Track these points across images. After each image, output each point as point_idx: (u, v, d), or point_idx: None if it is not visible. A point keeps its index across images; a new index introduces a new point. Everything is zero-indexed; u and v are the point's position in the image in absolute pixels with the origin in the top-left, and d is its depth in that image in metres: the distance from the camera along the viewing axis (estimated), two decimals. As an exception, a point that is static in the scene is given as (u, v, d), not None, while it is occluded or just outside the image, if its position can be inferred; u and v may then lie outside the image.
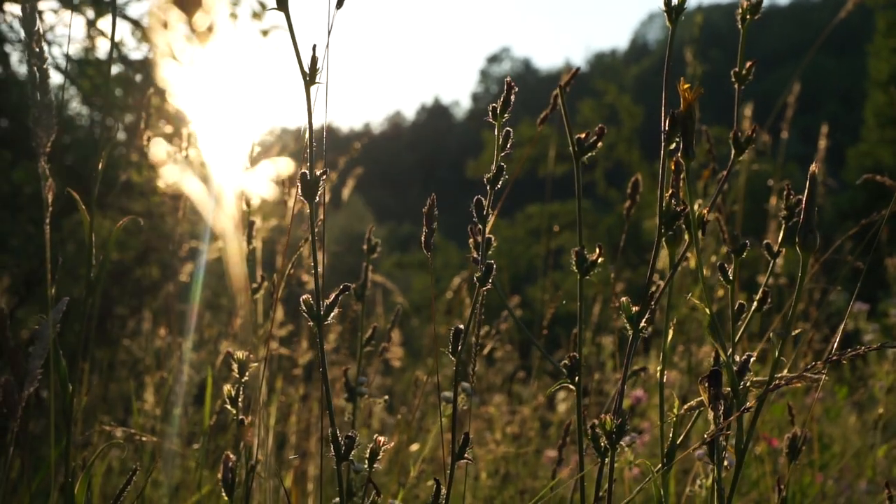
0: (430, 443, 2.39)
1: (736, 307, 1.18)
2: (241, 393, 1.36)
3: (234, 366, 1.36)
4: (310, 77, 1.04)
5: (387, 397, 1.70)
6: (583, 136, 1.23)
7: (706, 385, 1.14)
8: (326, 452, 1.11)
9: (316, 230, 1.10)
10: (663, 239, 1.20)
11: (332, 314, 1.07)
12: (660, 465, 1.19)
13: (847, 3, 3.61)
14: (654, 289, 1.19)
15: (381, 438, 1.21)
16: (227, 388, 1.35)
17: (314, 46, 1.05)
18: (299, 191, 1.04)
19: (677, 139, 1.10)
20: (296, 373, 3.45)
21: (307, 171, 1.04)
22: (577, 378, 1.22)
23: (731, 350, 1.14)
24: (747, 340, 2.84)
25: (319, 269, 1.06)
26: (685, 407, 1.22)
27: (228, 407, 1.36)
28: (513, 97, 1.17)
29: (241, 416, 1.36)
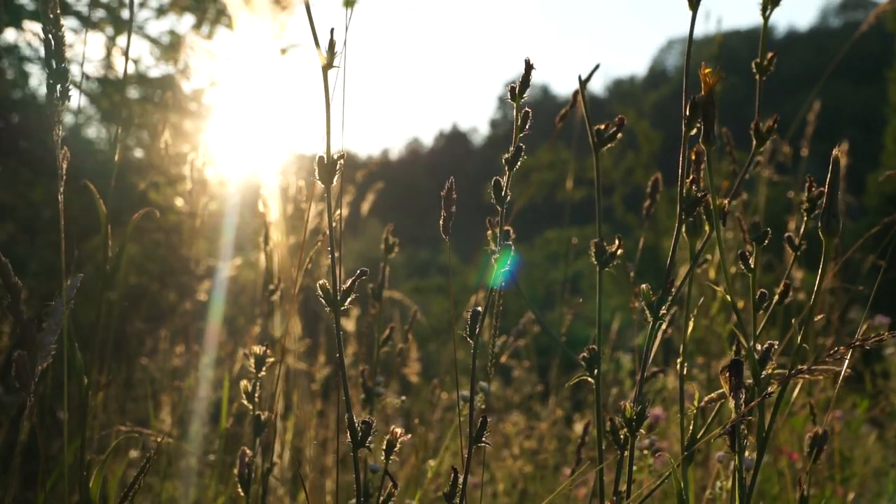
0: (447, 459, 2.37)
1: (758, 295, 1.16)
2: (258, 388, 1.35)
3: (251, 361, 1.35)
4: (328, 61, 1.04)
5: (404, 398, 1.69)
6: (602, 126, 1.22)
7: (727, 375, 1.12)
8: (343, 471, 1.10)
9: (334, 225, 1.09)
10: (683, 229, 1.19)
11: (350, 298, 1.06)
12: (680, 458, 1.18)
13: (865, 27, 3.60)
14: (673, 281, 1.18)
15: (398, 430, 1.19)
16: (243, 383, 1.34)
17: (332, 29, 1.04)
18: (316, 173, 1.04)
19: (698, 125, 1.09)
20: (313, 388, 3.44)
21: (324, 154, 1.04)
22: (595, 371, 1.21)
23: (752, 342, 1.12)
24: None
25: (336, 254, 1.05)
26: (706, 399, 1.21)
27: (245, 402, 1.35)
28: (531, 77, 1.16)
29: (257, 412, 1.34)
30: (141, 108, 5.33)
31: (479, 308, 1.09)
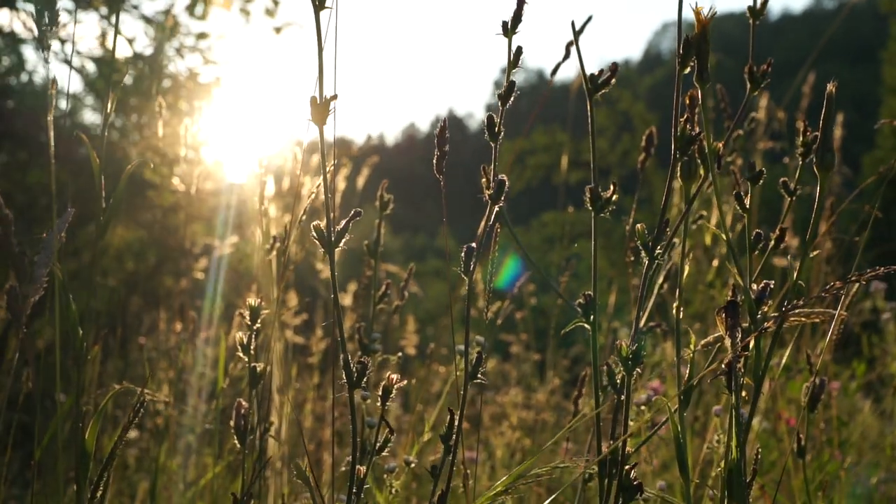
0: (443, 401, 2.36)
1: (753, 236, 1.16)
2: (253, 340, 1.35)
3: (246, 314, 1.35)
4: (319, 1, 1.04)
5: (400, 354, 1.68)
6: (596, 73, 1.21)
7: (723, 316, 1.12)
8: (339, 444, 1.10)
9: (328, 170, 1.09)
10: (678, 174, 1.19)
11: (343, 240, 1.06)
12: (677, 401, 1.18)
13: (860, 7, 3.58)
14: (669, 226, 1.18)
15: (394, 376, 1.19)
16: (238, 335, 1.34)
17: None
18: (309, 114, 1.03)
19: (691, 64, 1.09)
20: (311, 361, 3.44)
21: (317, 95, 1.03)
22: (592, 317, 1.21)
23: (748, 281, 1.12)
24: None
25: (331, 196, 1.05)
26: (702, 343, 1.21)
27: (240, 354, 1.34)
28: (524, 10, 1.15)
29: (253, 364, 1.34)
30: (136, 88, 5.31)
31: (473, 245, 1.09)
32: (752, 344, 1.11)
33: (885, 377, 2.87)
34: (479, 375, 1.14)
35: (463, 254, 1.10)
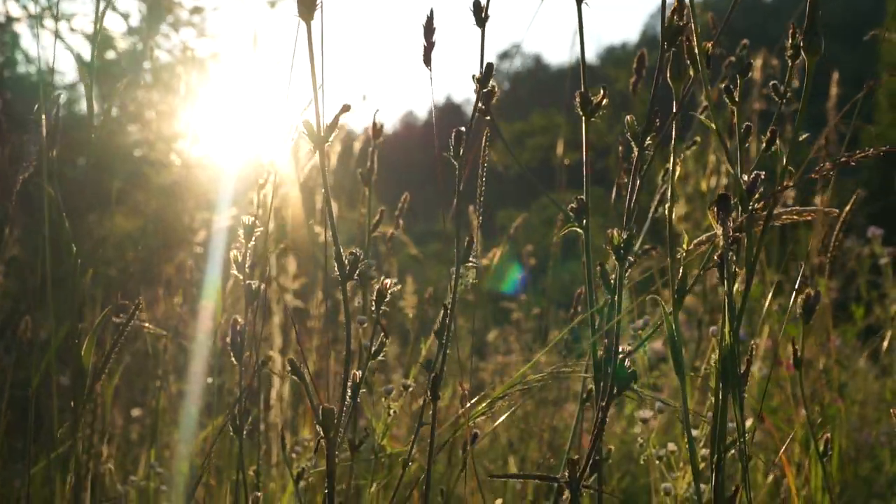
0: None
1: (743, 129, 1.16)
2: (247, 258, 1.35)
3: (240, 232, 1.35)
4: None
5: (399, 286, 1.68)
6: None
7: (715, 210, 1.12)
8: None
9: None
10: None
11: (333, 135, 1.05)
12: (672, 305, 1.18)
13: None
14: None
15: (388, 281, 1.20)
16: (233, 253, 1.34)
17: None
18: (296, 9, 1.02)
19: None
20: (311, 325, 3.44)
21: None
22: (584, 221, 1.21)
23: (737, 168, 1.12)
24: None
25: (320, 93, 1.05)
26: (694, 242, 1.21)
27: (234, 273, 1.34)
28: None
29: (248, 281, 1.34)
30: (131, 65, 5.30)
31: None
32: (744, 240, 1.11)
33: (884, 321, 2.87)
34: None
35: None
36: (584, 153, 1.21)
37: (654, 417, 1.65)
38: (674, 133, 1.16)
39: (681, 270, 1.17)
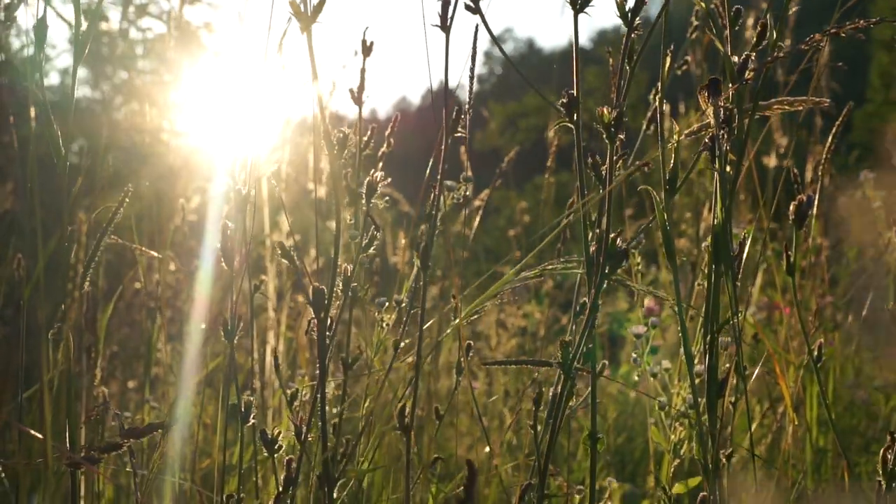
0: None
1: (733, 11, 1.15)
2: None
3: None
4: None
5: (388, 198, 1.67)
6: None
7: (705, 94, 1.12)
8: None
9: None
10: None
11: (321, 14, 1.05)
12: (663, 196, 1.17)
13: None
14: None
15: (378, 175, 1.19)
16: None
17: None
18: None
19: None
20: (305, 282, 3.43)
21: None
22: (575, 115, 1.20)
23: (727, 47, 1.12)
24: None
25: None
26: (686, 132, 1.20)
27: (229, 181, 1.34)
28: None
29: (238, 187, 1.33)
30: (122, 36, 5.29)
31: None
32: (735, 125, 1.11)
33: (877, 258, 2.88)
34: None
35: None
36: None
37: (648, 332, 1.65)
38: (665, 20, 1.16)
39: (672, 160, 1.16)
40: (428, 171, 1.46)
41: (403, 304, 1.52)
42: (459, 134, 1.21)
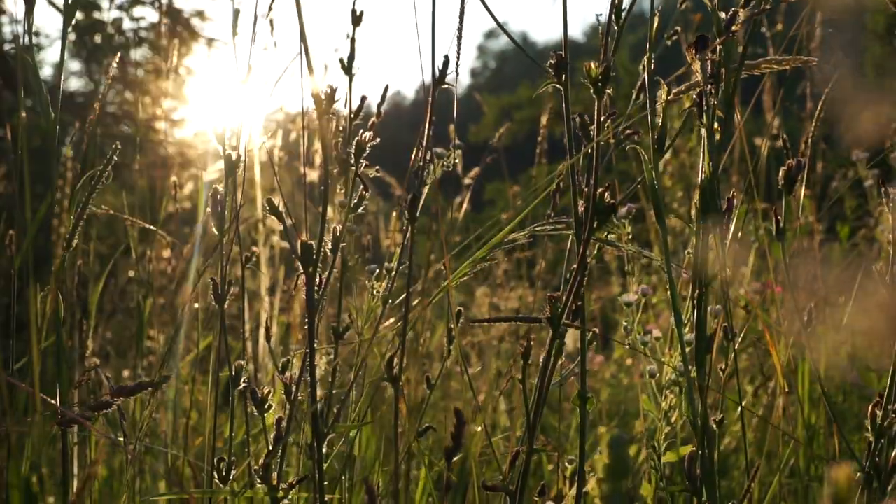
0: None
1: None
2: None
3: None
4: None
5: (378, 168, 1.67)
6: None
7: (692, 50, 1.12)
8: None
9: None
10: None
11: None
12: (652, 156, 1.17)
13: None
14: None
15: (367, 135, 1.19)
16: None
17: None
18: None
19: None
20: (298, 265, 3.43)
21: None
22: (564, 77, 1.20)
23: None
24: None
25: None
26: (674, 91, 1.20)
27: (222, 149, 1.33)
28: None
29: (228, 151, 1.33)
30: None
31: None
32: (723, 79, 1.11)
33: (869, 238, 2.89)
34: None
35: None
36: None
37: (639, 301, 1.65)
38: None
39: (660, 119, 1.16)
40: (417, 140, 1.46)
41: (393, 272, 1.52)
42: (446, 86, 1.21)
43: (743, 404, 1.35)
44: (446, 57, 1.21)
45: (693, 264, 1.05)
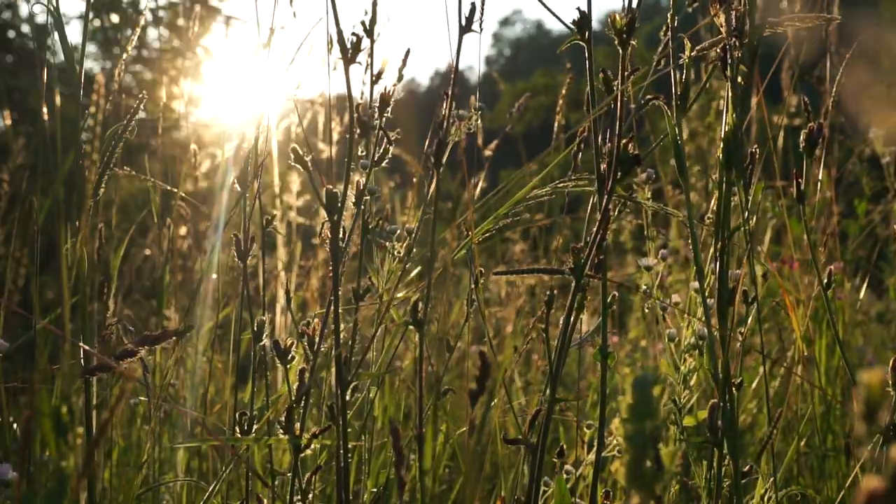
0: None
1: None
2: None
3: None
4: None
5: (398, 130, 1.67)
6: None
7: (717, 4, 1.12)
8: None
9: None
10: None
11: None
12: (674, 112, 1.18)
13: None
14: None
15: (388, 87, 1.19)
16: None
17: None
18: None
19: None
20: (315, 241, 3.44)
21: None
22: (586, 34, 1.21)
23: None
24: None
25: None
26: (697, 49, 1.20)
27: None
28: None
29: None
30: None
31: None
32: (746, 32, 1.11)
33: (888, 213, 2.88)
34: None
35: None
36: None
37: (658, 264, 1.66)
38: None
39: (683, 77, 1.17)
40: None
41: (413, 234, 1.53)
42: (472, 33, 1.21)
43: (764, 353, 1.35)
44: (472, 4, 1.21)
45: (716, 214, 1.05)
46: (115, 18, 5.36)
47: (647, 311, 1.61)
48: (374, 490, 1.57)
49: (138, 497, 1.36)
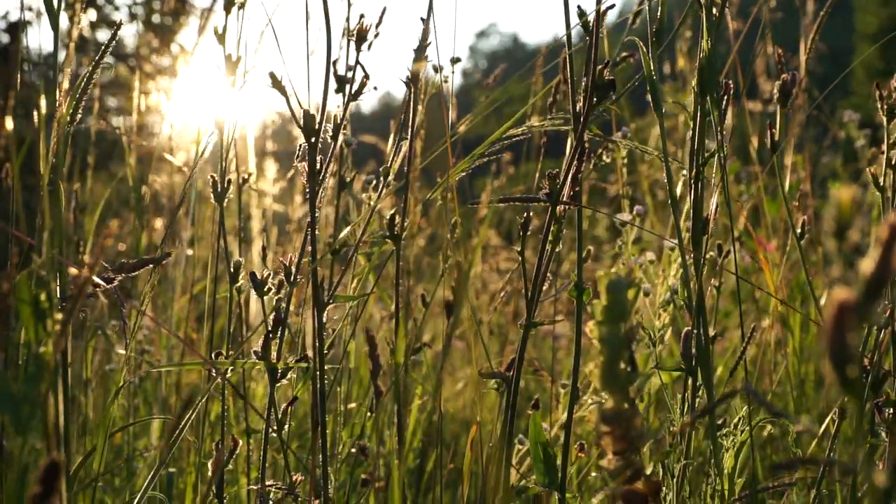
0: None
1: None
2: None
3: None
4: None
5: (377, 86, 1.68)
6: None
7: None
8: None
9: None
10: None
11: None
12: (650, 48, 1.19)
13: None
14: None
15: (368, 23, 1.20)
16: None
17: None
18: None
19: None
20: (289, 228, 3.44)
21: None
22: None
23: None
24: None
25: None
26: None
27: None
28: None
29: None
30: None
31: None
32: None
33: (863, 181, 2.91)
34: None
35: None
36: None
37: (633, 220, 1.67)
38: None
39: (659, 12, 1.18)
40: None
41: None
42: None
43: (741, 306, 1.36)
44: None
45: (692, 140, 1.06)
46: (92, 16, 5.36)
47: (622, 265, 1.62)
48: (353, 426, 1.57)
49: (111, 436, 1.35)
